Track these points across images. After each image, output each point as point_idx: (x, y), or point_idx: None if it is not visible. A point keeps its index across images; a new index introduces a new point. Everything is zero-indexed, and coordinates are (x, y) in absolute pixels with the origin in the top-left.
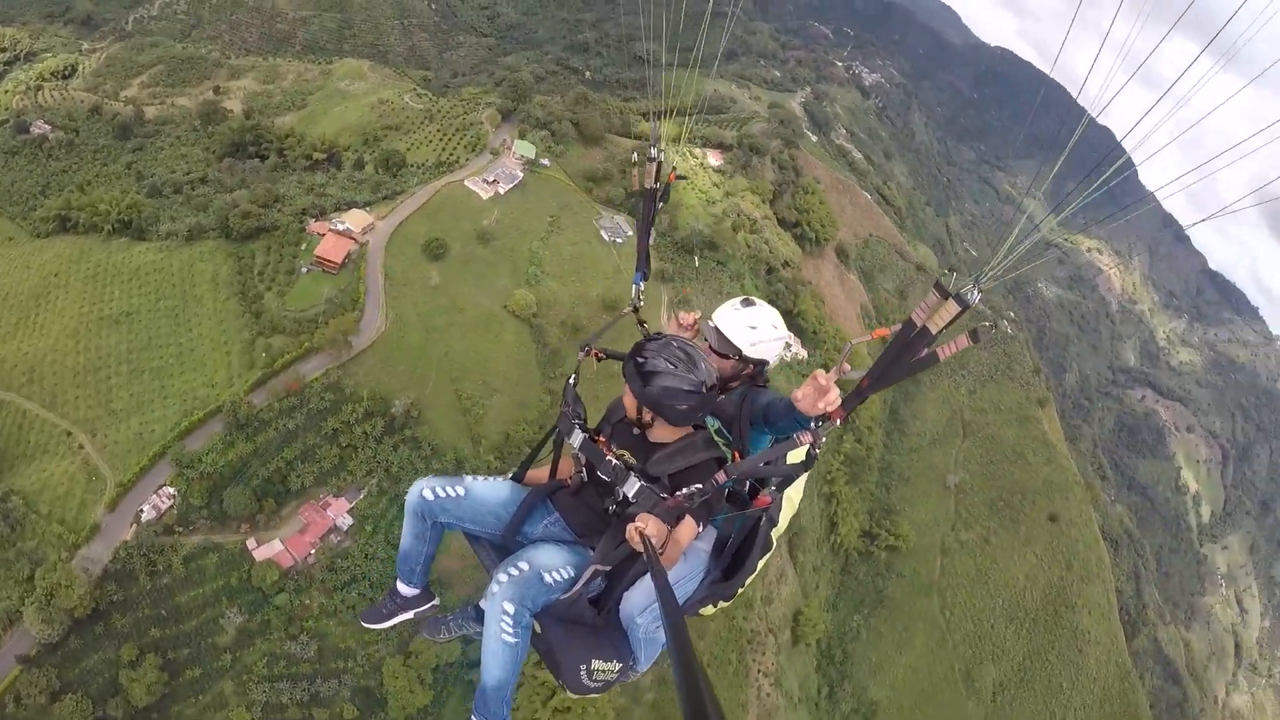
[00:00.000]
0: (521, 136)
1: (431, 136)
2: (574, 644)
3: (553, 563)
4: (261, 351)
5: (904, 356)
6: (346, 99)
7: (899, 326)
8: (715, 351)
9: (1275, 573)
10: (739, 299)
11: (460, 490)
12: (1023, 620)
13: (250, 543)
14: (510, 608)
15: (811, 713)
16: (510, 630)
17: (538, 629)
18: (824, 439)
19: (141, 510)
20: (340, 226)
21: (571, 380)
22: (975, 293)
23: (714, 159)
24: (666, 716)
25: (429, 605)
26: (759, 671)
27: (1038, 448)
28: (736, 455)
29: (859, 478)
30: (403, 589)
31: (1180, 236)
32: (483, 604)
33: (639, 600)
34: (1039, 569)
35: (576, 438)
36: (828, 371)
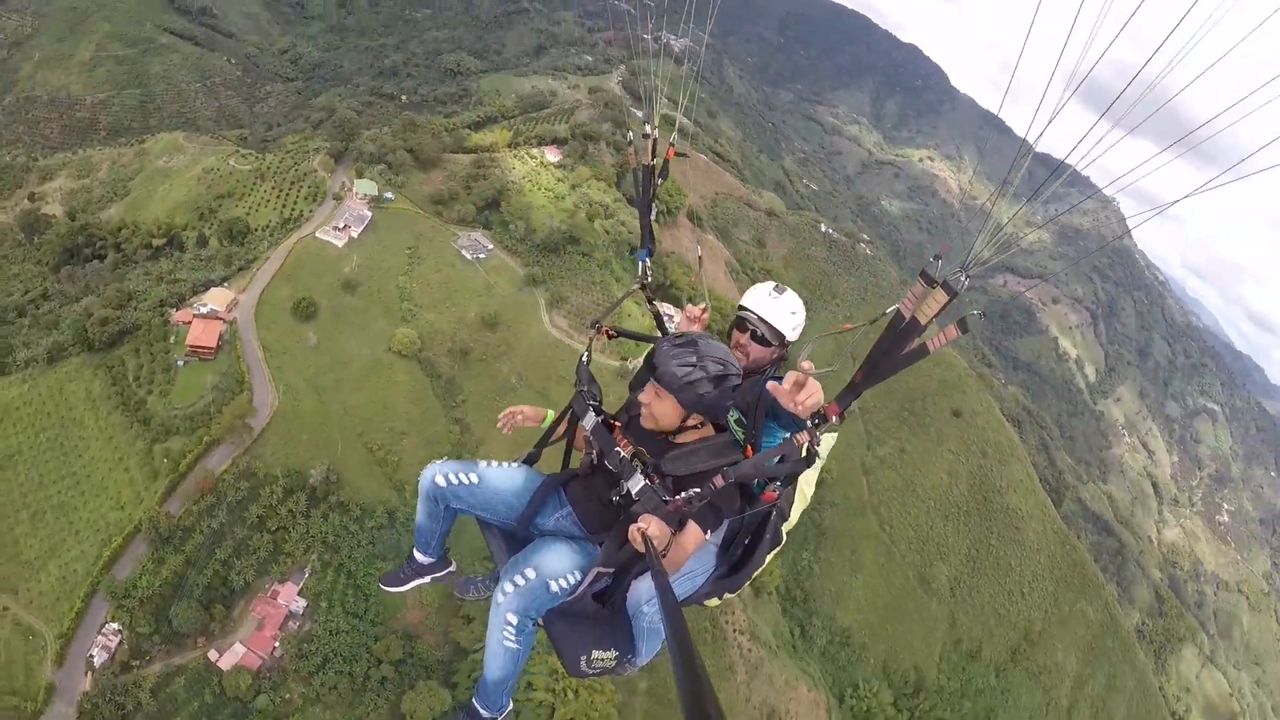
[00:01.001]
0: (359, 175)
1: (268, 195)
2: (576, 635)
3: (559, 568)
4: (163, 459)
5: (894, 349)
6: (170, 176)
7: (875, 320)
8: (754, 341)
9: (1169, 411)
10: (770, 285)
11: (473, 478)
12: (958, 515)
13: (212, 654)
14: (514, 619)
15: (792, 655)
16: (513, 638)
17: (541, 623)
18: (822, 436)
19: (92, 655)
20: (204, 309)
21: (584, 358)
22: (964, 279)
23: (552, 155)
24: (661, 698)
25: (445, 572)
26: (734, 630)
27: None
28: (749, 450)
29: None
30: (419, 556)
31: (1002, 129)
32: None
33: (645, 590)
34: (958, 463)
35: (590, 420)
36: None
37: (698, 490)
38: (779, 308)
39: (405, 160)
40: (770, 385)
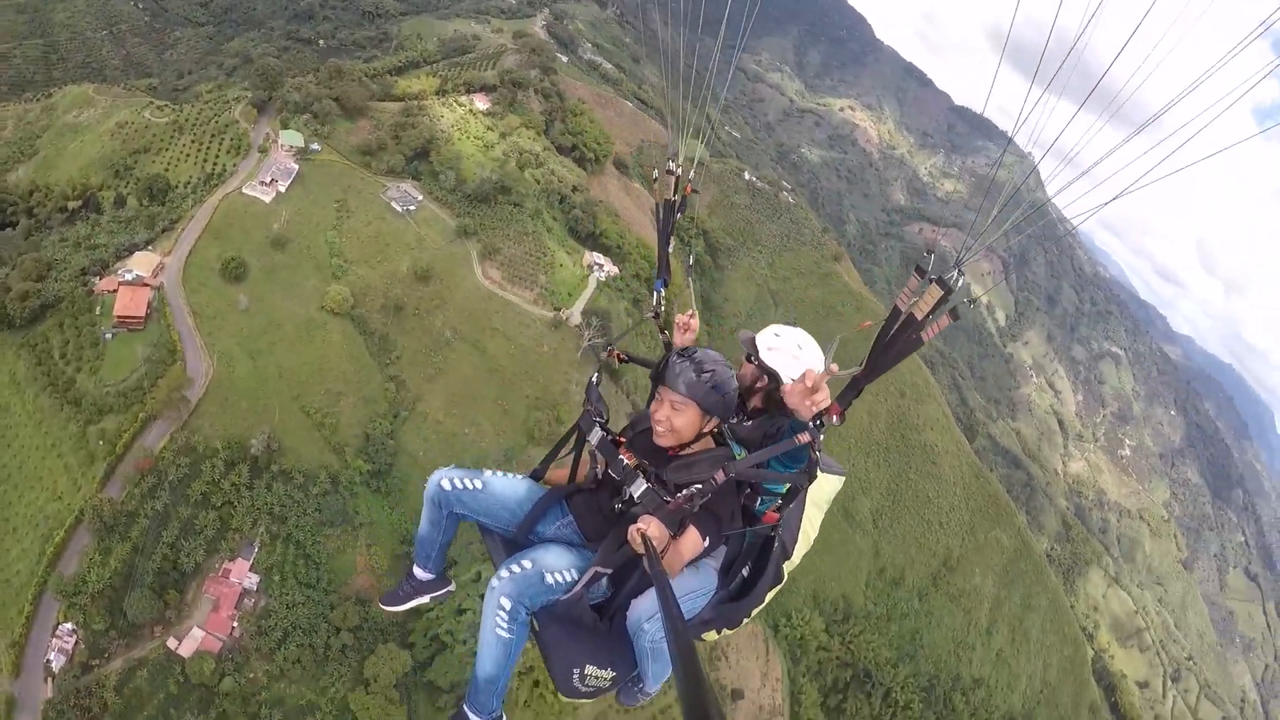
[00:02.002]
0: (284, 126)
1: (188, 150)
2: (570, 646)
3: (557, 564)
4: (98, 441)
5: (892, 344)
6: (80, 132)
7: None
8: (748, 360)
9: (1075, 354)
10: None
11: (478, 484)
12: (878, 452)
13: (171, 643)
14: (507, 604)
15: None
16: (505, 626)
17: (536, 626)
18: (822, 438)
19: (49, 660)
20: (129, 276)
21: (594, 379)
22: (959, 277)
23: (480, 103)
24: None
25: (444, 590)
26: None
27: (844, 299)
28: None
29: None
30: (419, 573)
31: (924, 81)
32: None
33: (646, 607)
34: (877, 404)
35: (595, 435)
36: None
37: (699, 486)
38: (768, 327)
39: (331, 109)
40: (784, 387)
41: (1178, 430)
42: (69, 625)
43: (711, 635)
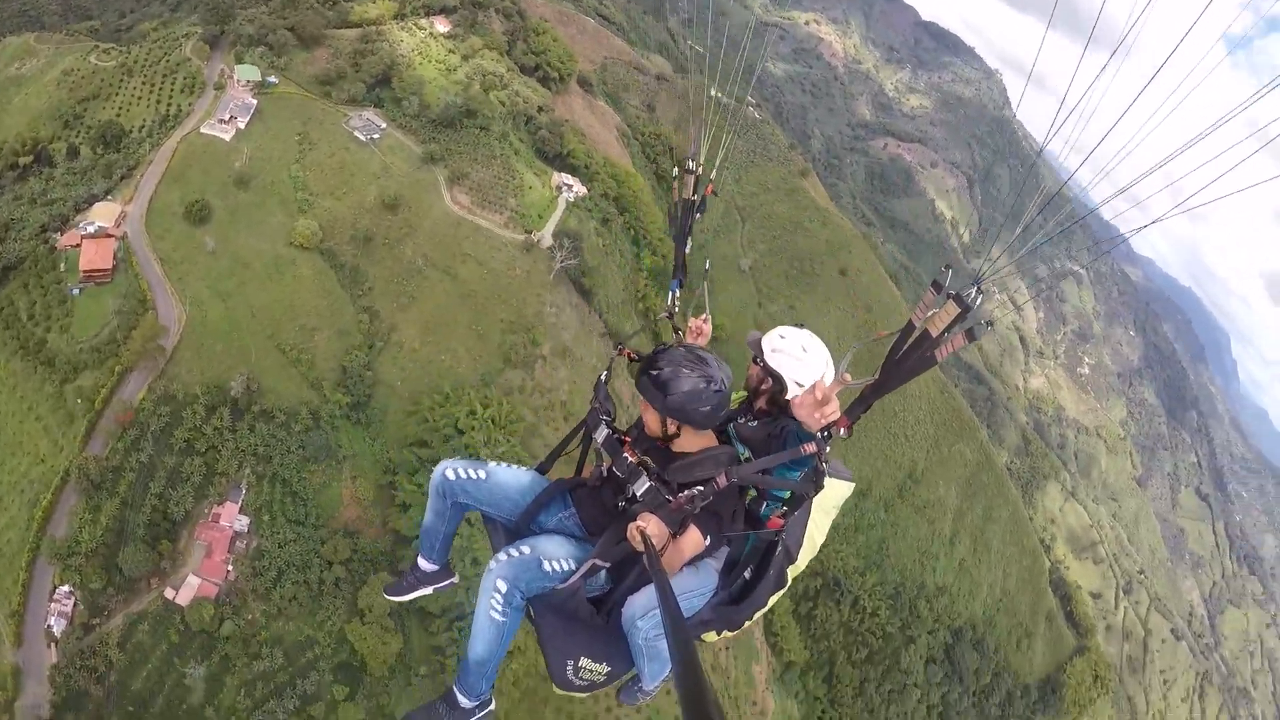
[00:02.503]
0: (239, 60)
1: (140, 92)
2: (566, 637)
3: (556, 553)
4: (76, 399)
5: (905, 359)
6: (24, 84)
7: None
8: (754, 361)
9: (1038, 272)
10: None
11: (482, 473)
12: (847, 367)
13: (168, 593)
14: (503, 586)
15: None
16: (499, 608)
17: (533, 615)
18: (829, 449)
19: (49, 625)
20: (91, 228)
21: (603, 377)
22: (976, 295)
23: (441, 25)
24: None
25: (448, 582)
26: None
27: (811, 214)
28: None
29: (663, 286)
30: (423, 564)
31: None
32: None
33: (642, 603)
34: (845, 318)
35: (601, 433)
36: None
37: (700, 488)
38: (775, 329)
39: (287, 40)
40: (794, 398)
41: (1136, 350)
42: (66, 587)
43: (711, 636)
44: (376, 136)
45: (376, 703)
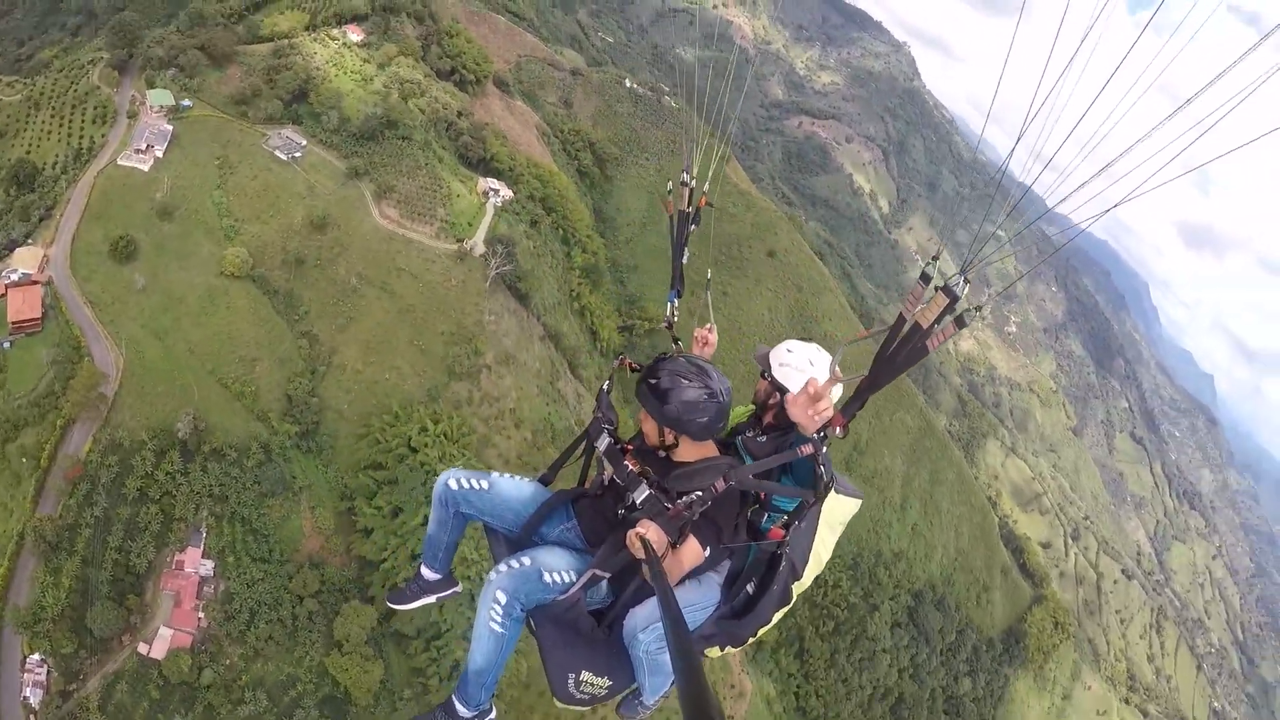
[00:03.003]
0: (151, 85)
1: (49, 126)
2: (567, 650)
3: (556, 564)
4: (20, 458)
5: (897, 352)
6: None
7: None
8: (762, 376)
9: (959, 238)
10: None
11: (484, 484)
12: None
13: (142, 648)
14: (503, 598)
15: None
16: (499, 620)
17: (534, 627)
18: (826, 450)
19: (25, 696)
20: (14, 276)
21: (605, 387)
22: (963, 284)
23: (354, 34)
24: None
25: (451, 591)
26: None
27: (735, 198)
28: (762, 496)
29: (598, 284)
30: (426, 573)
31: None
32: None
33: (644, 616)
34: (777, 299)
35: (603, 442)
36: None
37: (699, 494)
38: (781, 342)
39: (198, 60)
40: (788, 398)
41: (1059, 305)
42: (36, 656)
43: (715, 651)
44: (298, 155)
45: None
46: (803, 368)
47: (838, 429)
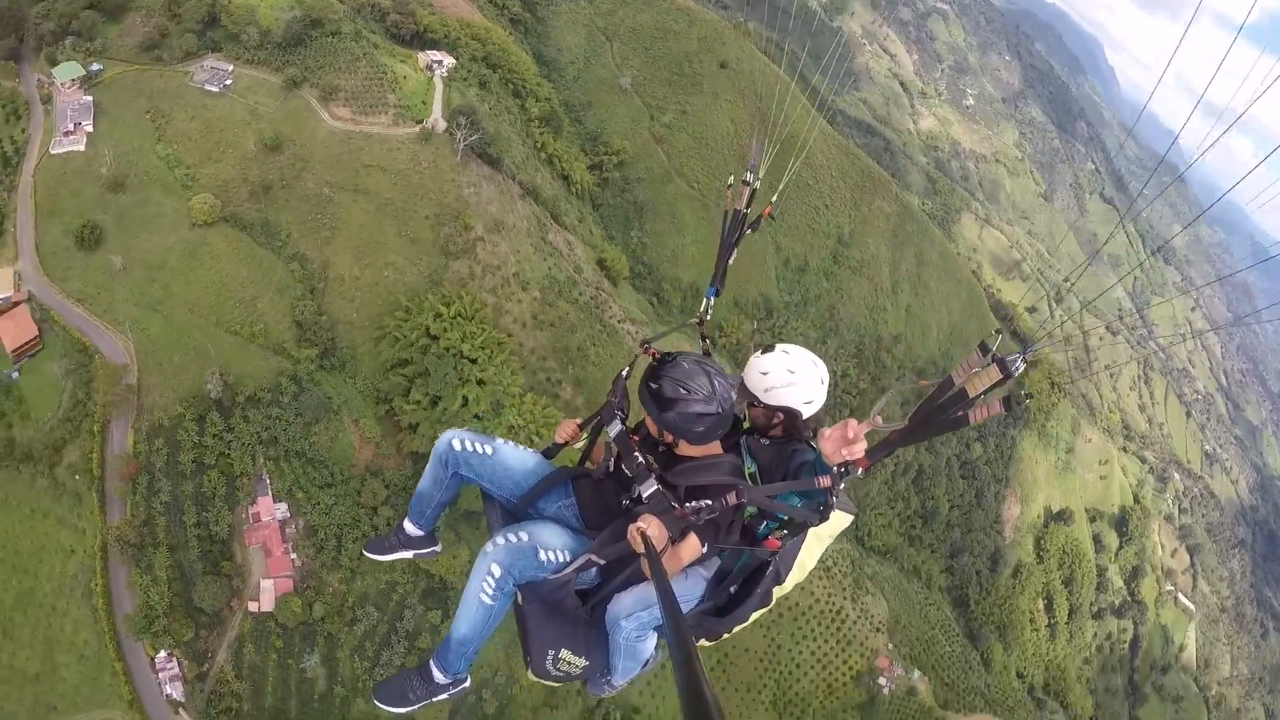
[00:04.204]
0: (53, 62)
1: None
2: (549, 627)
3: (553, 543)
4: (73, 477)
5: (937, 414)
6: None
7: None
8: (746, 403)
9: (902, 16)
10: (761, 347)
11: (488, 449)
12: (750, 154)
13: (252, 606)
14: (497, 570)
15: (666, 320)
16: (490, 592)
17: (520, 601)
18: (843, 486)
19: (168, 694)
20: None
21: (624, 372)
22: (1020, 364)
23: None
24: None
25: (430, 550)
26: (618, 322)
27: (676, 16)
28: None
29: (558, 129)
30: (409, 528)
31: None
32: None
33: (628, 603)
34: (737, 109)
35: (614, 428)
36: (860, 423)
37: (709, 502)
38: (751, 366)
39: (93, 20)
40: (821, 432)
41: (1015, 74)
42: (163, 653)
43: None
44: (229, 82)
45: None
46: (788, 381)
47: (861, 470)
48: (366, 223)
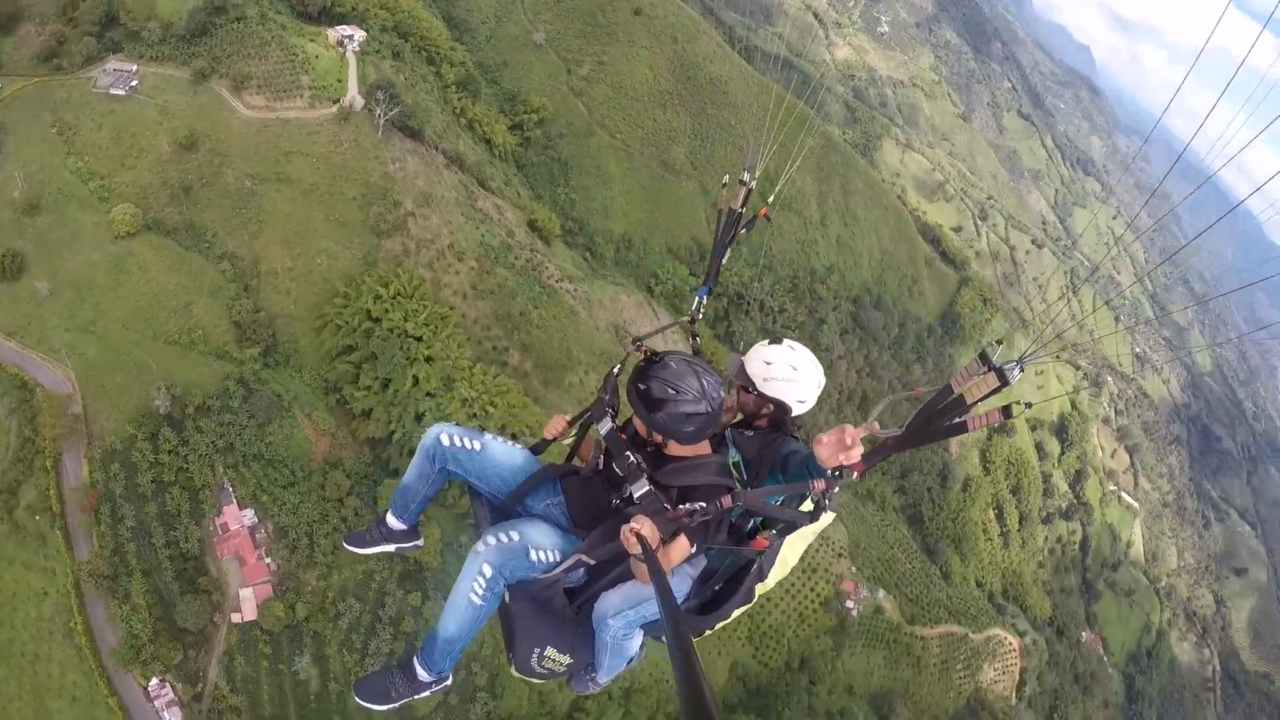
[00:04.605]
0: None
1: None
2: (536, 626)
3: (543, 542)
4: (32, 518)
5: (935, 421)
6: None
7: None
8: (738, 385)
9: None
10: (768, 339)
11: (477, 445)
12: (672, 100)
13: (234, 617)
14: (488, 571)
15: (598, 278)
16: (480, 592)
17: (507, 599)
18: (837, 490)
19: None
20: None
21: (615, 370)
22: (1017, 371)
23: None
24: None
25: (413, 544)
26: (556, 281)
27: None
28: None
29: (476, 93)
30: (392, 521)
31: None
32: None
33: (616, 601)
34: (655, 55)
35: (604, 426)
36: (856, 427)
37: (702, 505)
38: (756, 353)
39: None
40: (816, 440)
41: None
42: (155, 681)
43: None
44: (134, 83)
45: (444, 588)
46: (789, 376)
47: (855, 474)
48: (293, 212)
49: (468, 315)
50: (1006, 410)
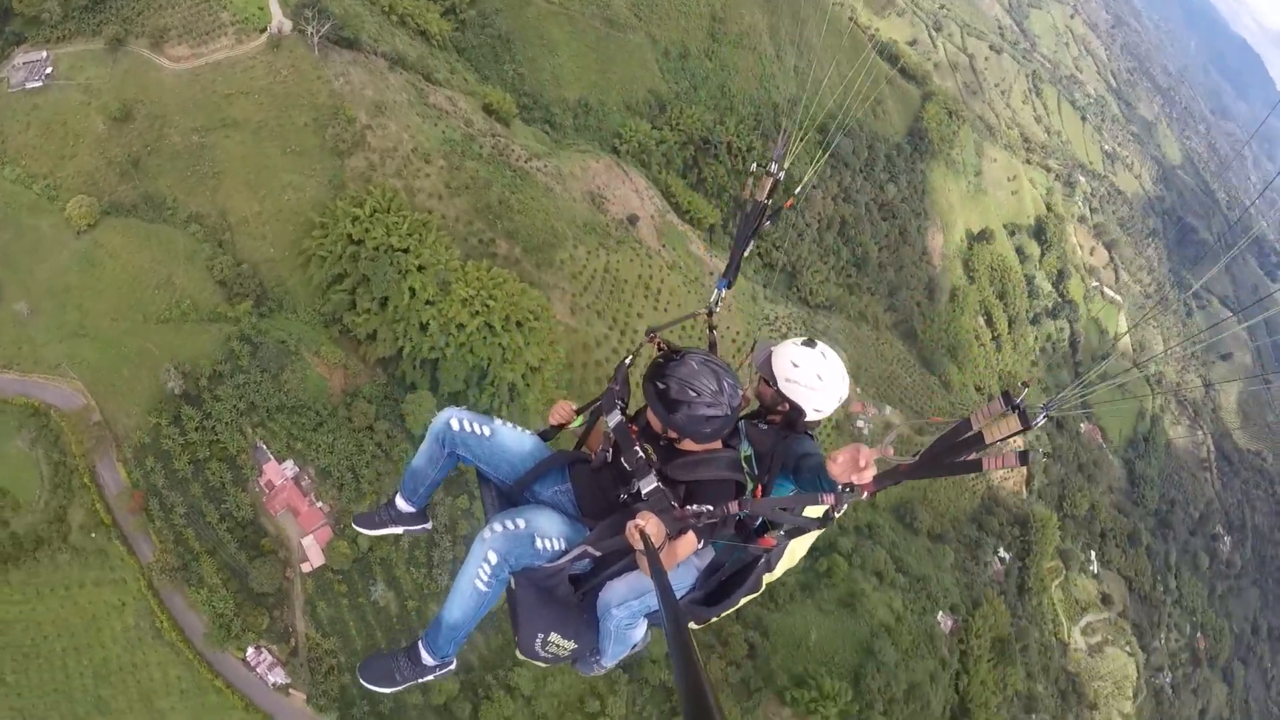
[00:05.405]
0: None
1: None
2: (541, 612)
3: (549, 531)
4: (89, 535)
5: (950, 455)
6: None
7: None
8: (760, 375)
9: None
10: (804, 338)
11: (487, 430)
12: None
13: (304, 567)
14: (494, 558)
15: (561, 147)
16: (486, 579)
17: (512, 585)
18: (845, 507)
19: (273, 683)
20: None
21: (627, 360)
22: (1041, 417)
23: None
24: None
25: (421, 527)
26: (525, 160)
27: None
28: (759, 490)
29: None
30: (401, 504)
31: None
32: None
33: (620, 591)
34: (579, 43)
35: (614, 418)
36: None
37: (710, 508)
38: (785, 351)
39: None
40: (830, 456)
41: None
42: (251, 650)
43: None
44: (49, 70)
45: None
46: (812, 384)
47: (865, 494)
48: (248, 154)
49: (448, 215)
50: (1023, 456)
